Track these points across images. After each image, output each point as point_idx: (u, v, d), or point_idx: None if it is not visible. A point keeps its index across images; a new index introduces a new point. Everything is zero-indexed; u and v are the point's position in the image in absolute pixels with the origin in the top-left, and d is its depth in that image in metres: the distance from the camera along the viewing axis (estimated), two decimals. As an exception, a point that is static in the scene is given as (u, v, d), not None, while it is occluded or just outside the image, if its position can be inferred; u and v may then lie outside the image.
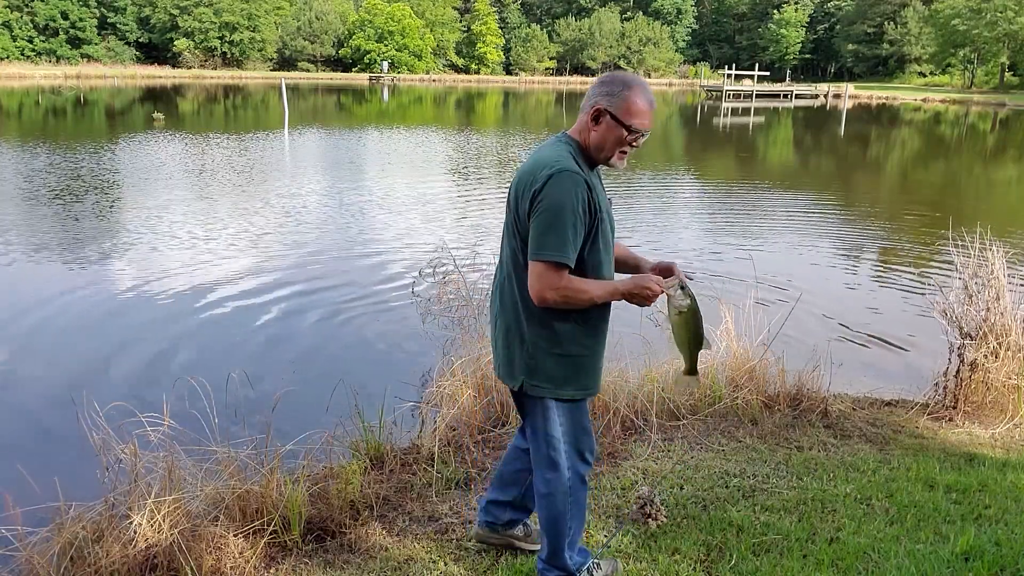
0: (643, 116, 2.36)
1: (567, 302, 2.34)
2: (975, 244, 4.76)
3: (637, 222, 11.64)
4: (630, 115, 2.35)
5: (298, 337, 6.36)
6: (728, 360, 4.69)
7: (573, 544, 2.69)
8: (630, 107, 2.34)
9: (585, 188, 2.31)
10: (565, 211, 2.27)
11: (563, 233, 2.27)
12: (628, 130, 2.35)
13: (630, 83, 2.37)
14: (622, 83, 2.37)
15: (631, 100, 2.34)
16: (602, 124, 2.37)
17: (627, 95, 2.35)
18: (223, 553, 2.88)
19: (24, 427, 4.74)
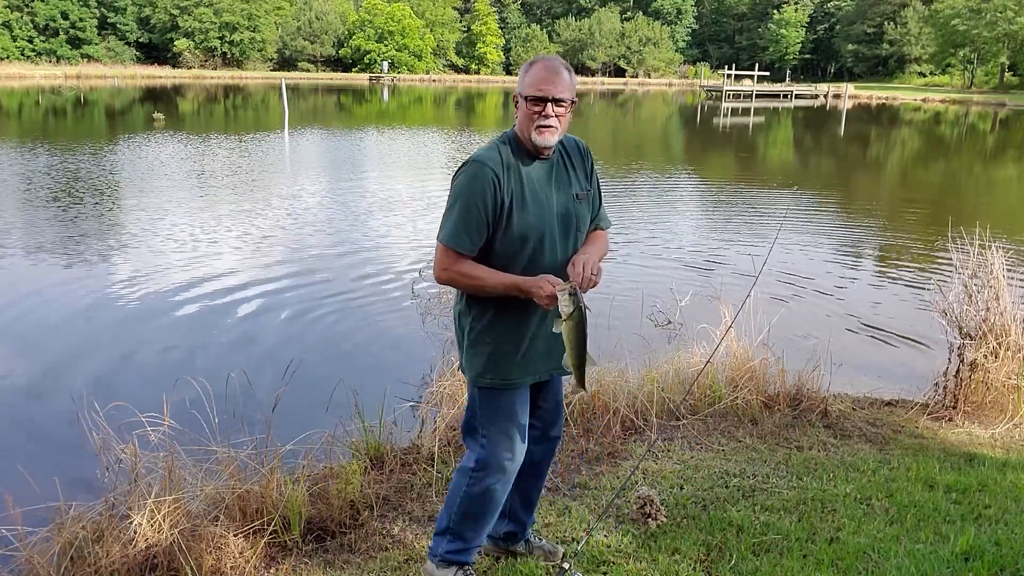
0: (541, 82, 2.35)
1: (456, 284, 2.45)
2: (975, 244, 4.76)
3: (637, 222, 11.64)
4: (526, 86, 2.38)
5: (298, 337, 6.36)
6: (728, 360, 4.69)
7: (456, 535, 2.66)
8: (528, 79, 2.38)
9: (492, 179, 2.35)
10: (461, 199, 2.37)
11: (456, 220, 2.38)
12: (527, 101, 2.36)
13: (534, 60, 2.41)
14: (527, 64, 2.43)
15: (529, 72, 2.39)
16: (518, 108, 2.43)
17: (527, 70, 2.41)
18: (223, 553, 2.88)
19: (24, 427, 4.74)
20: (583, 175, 2.56)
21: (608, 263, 9.21)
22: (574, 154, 2.56)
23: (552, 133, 2.38)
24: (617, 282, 7.39)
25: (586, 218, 2.56)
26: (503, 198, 2.37)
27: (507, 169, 2.39)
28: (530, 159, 2.44)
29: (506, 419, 2.55)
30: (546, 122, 2.36)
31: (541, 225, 2.43)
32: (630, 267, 8.71)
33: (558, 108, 2.36)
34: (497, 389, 2.54)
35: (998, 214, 13.57)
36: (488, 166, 2.36)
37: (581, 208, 2.53)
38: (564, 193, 2.49)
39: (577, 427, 4.16)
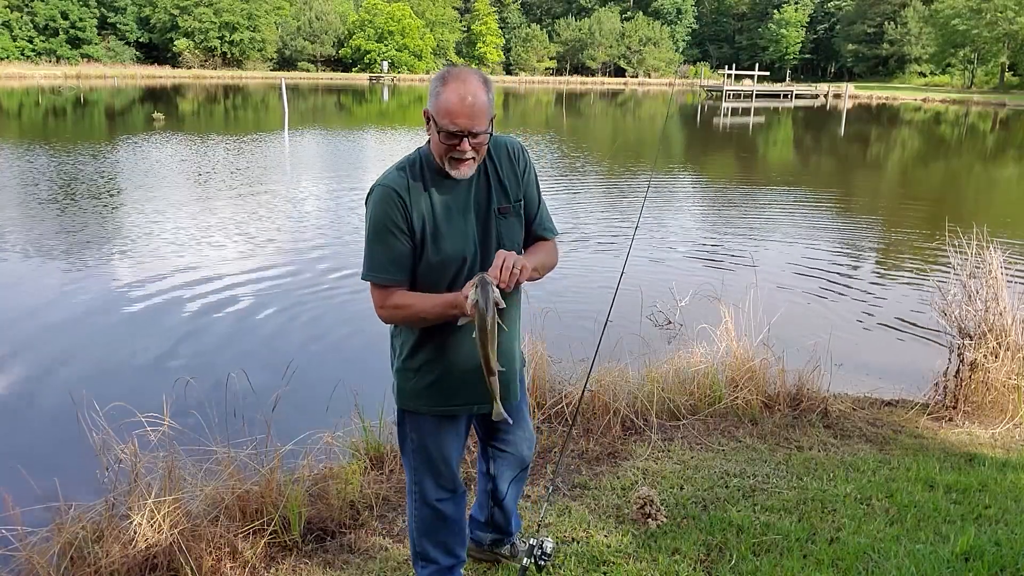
0: (455, 115, 2.05)
1: (398, 319, 2.27)
2: (974, 244, 4.76)
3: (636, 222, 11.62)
4: (438, 114, 2.08)
5: (298, 337, 6.36)
6: (728, 360, 4.69)
7: (423, 556, 2.57)
8: (438, 104, 2.08)
9: (397, 202, 2.16)
10: (372, 228, 2.20)
11: (372, 252, 2.21)
12: (439, 133, 2.09)
13: (446, 77, 2.09)
14: (440, 79, 2.10)
15: (440, 96, 2.07)
16: (430, 128, 2.15)
17: (437, 90, 2.09)
18: (223, 553, 2.88)
19: (24, 427, 4.74)
20: (512, 182, 2.30)
21: (607, 263, 9.27)
22: (502, 160, 2.30)
23: (469, 166, 2.15)
24: (616, 282, 7.38)
25: (515, 232, 2.32)
26: (413, 223, 2.18)
27: (413, 193, 2.19)
28: (444, 178, 2.20)
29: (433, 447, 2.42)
30: (462, 156, 2.12)
31: (459, 251, 2.23)
32: (629, 267, 8.70)
33: (475, 140, 2.10)
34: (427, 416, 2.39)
35: (998, 214, 13.57)
36: (392, 188, 2.18)
37: (506, 224, 2.29)
38: (484, 211, 2.26)
39: (577, 427, 4.16)
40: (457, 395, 2.36)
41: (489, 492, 2.75)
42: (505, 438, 2.63)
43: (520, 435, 2.65)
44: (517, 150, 2.34)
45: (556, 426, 4.18)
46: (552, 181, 15.53)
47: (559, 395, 4.26)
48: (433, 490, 2.48)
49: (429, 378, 2.34)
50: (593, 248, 9.80)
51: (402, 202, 2.17)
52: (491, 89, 2.15)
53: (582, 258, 9.15)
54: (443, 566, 2.60)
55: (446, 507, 2.51)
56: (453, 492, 2.51)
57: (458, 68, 2.14)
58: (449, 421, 2.42)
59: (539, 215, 2.40)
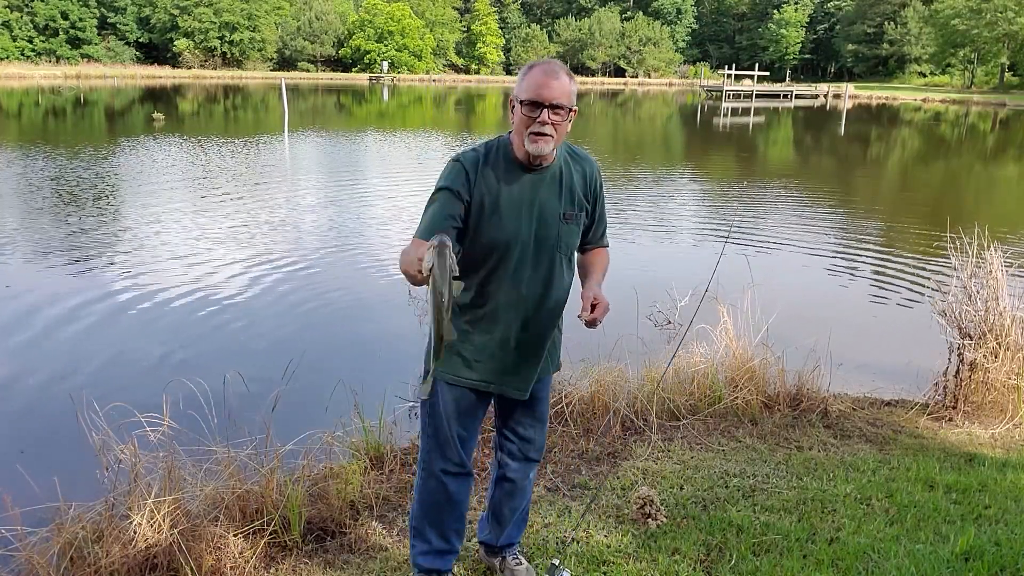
0: (538, 87, 2.22)
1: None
2: (974, 244, 4.76)
3: (637, 222, 11.64)
4: (523, 89, 2.26)
5: (297, 338, 6.36)
6: (728, 360, 4.69)
7: (419, 533, 2.63)
8: (525, 83, 2.26)
9: (462, 174, 2.30)
10: (432, 193, 2.34)
11: (424, 214, 2.32)
12: (522, 105, 2.25)
13: (533, 63, 2.30)
14: (528, 66, 2.31)
15: (527, 76, 2.27)
16: (514, 112, 2.31)
17: (525, 73, 2.29)
18: (223, 553, 2.88)
19: (24, 427, 4.74)
20: (580, 194, 2.44)
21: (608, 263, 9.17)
22: (577, 173, 2.44)
23: (546, 142, 2.26)
24: (616, 283, 7.38)
25: (574, 238, 2.46)
26: (473, 195, 2.30)
27: (484, 171, 2.31)
28: (519, 168, 2.34)
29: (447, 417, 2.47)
30: (540, 129, 2.24)
31: (511, 238, 2.33)
32: (629, 267, 8.70)
33: (555, 115, 2.23)
34: (449, 385, 2.45)
35: (998, 214, 13.57)
36: (463, 163, 2.32)
37: (567, 229, 2.42)
38: (550, 210, 2.37)
39: (577, 427, 4.17)
40: (475, 370, 2.44)
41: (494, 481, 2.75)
42: (518, 428, 2.63)
43: (537, 435, 2.66)
44: (593, 170, 2.50)
45: (556, 426, 4.18)
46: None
47: (559, 395, 4.26)
48: (439, 460, 2.53)
49: (456, 347, 2.42)
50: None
51: (467, 176, 2.31)
52: (574, 81, 2.33)
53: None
54: (434, 548, 2.64)
55: (449, 481, 2.55)
56: (459, 468, 2.54)
57: (545, 58, 2.36)
58: (465, 395, 2.47)
59: (602, 228, 2.62)
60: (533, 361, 2.48)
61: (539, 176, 2.36)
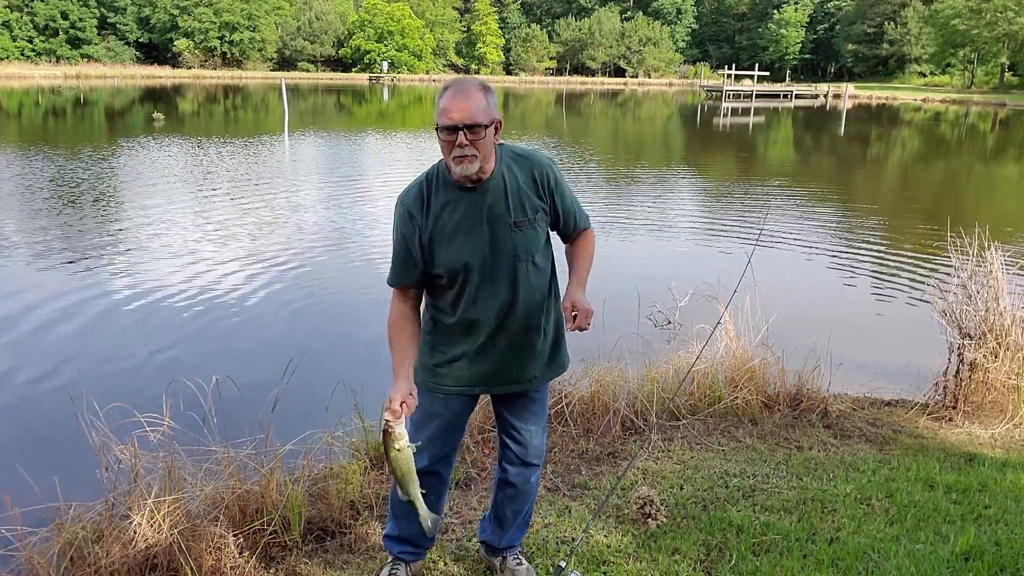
0: (449, 112, 2.21)
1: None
2: (974, 244, 4.76)
3: (637, 222, 11.64)
4: (437, 114, 2.26)
5: (298, 337, 6.36)
6: (728, 360, 4.69)
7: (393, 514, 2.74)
8: (438, 108, 2.26)
9: (405, 217, 2.38)
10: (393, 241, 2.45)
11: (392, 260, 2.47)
12: (439, 130, 2.25)
13: (446, 85, 2.28)
14: (441, 89, 2.28)
15: (439, 101, 2.26)
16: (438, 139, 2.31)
17: (438, 98, 2.27)
18: (223, 553, 2.88)
19: (24, 427, 4.74)
20: (533, 197, 2.41)
21: (607, 263, 9.23)
22: (523, 176, 2.40)
23: (471, 162, 2.25)
24: (616, 282, 7.38)
25: (530, 245, 2.41)
26: (420, 235, 2.37)
27: (427, 203, 2.36)
28: (459, 190, 2.34)
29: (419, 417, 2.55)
30: (462, 152, 2.24)
31: (468, 259, 2.37)
32: (629, 267, 8.70)
33: (472, 135, 2.21)
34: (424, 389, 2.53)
35: (998, 214, 13.57)
36: (405, 206, 2.39)
37: (522, 236, 2.39)
38: (500, 223, 2.36)
39: (577, 427, 4.16)
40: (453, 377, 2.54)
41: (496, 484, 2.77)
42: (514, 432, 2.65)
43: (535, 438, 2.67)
44: (542, 167, 2.44)
45: (556, 426, 4.18)
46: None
47: (559, 395, 4.26)
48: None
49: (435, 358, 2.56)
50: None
51: (411, 217, 2.38)
52: (490, 93, 2.30)
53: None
54: (403, 536, 2.73)
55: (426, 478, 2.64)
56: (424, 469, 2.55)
57: (458, 76, 2.32)
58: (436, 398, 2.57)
59: (574, 218, 2.56)
60: (516, 363, 2.51)
61: (480, 192, 2.35)
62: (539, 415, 2.69)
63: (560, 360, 2.66)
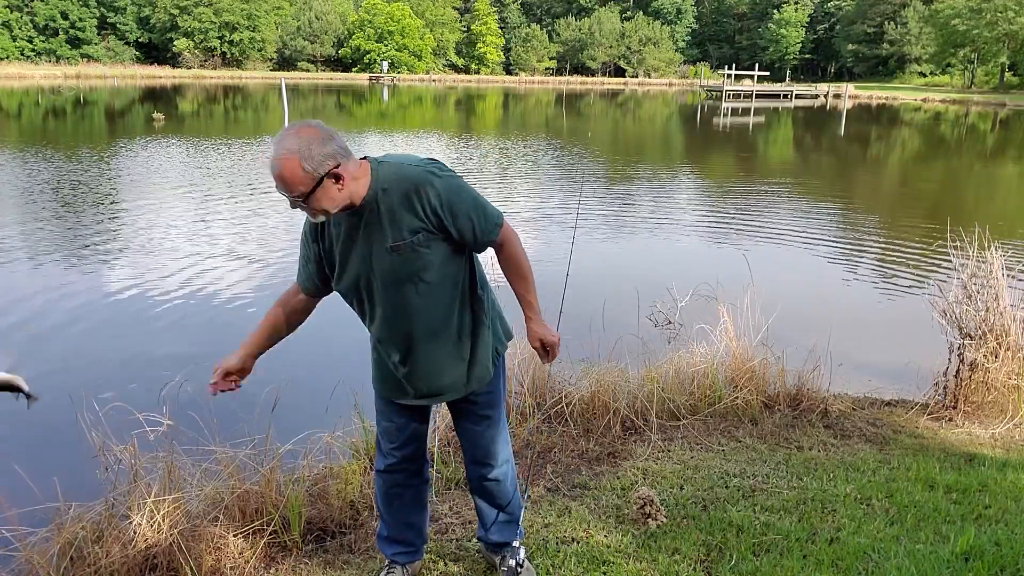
0: (275, 182, 2.19)
1: None
2: (974, 244, 4.76)
3: (638, 222, 11.64)
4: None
5: (297, 338, 6.34)
6: (728, 360, 4.69)
7: (382, 518, 2.80)
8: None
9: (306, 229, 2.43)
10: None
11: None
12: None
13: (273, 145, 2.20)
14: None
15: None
16: None
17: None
18: (223, 553, 2.88)
19: (24, 427, 4.73)
20: (413, 219, 2.26)
21: (607, 263, 9.22)
22: (397, 198, 2.26)
23: (315, 215, 2.23)
24: (616, 282, 7.39)
25: (415, 266, 2.30)
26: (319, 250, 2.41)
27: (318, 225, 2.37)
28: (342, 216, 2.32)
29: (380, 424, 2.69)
30: (314, 216, 2.26)
31: (355, 282, 2.38)
32: (629, 267, 8.71)
33: (301, 200, 2.17)
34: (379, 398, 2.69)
35: (998, 214, 13.57)
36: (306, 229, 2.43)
37: (400, 259, 2.29)
38: (377, 248, 2.30)
39: (577, 427, 4.16)
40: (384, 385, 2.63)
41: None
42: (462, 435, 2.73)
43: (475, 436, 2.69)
44: (420, 185, 2.25)
45: (556, 426, 4.17)
46: (548, 179, 15.55)
47: (559, 395, 4.26)
48: (378, 454, 2.75)
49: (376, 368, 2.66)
50: (590, 247, 9.80)
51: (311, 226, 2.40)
52: (313, 146, 2.14)
53: (579, 258, 9.14)
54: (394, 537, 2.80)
55: (378, 479, 2.76)
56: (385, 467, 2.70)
57: (280, 135, 2.20)
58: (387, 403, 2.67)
59: (480, 230, 2.34)
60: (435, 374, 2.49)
61: (355, 220, 2.31)
62: (485, 417, 2.66)
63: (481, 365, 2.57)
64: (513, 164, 18.26)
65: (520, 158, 19.53)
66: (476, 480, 2.77)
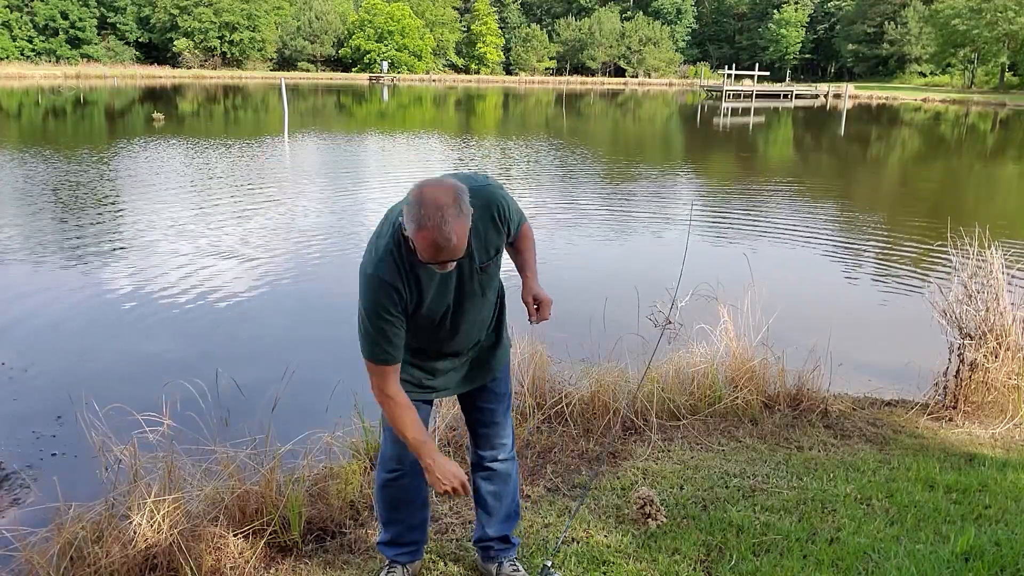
0: (433, 258, 2.11)
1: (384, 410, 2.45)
2: (974, 244, 4.76)
3: (638, 222, 11.64)
4: (419, 249, 2.12)
5: (297, 337, 6.36)
6: (728, 360, 4.69)
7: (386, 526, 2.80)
8: (418, 245, 2.10)
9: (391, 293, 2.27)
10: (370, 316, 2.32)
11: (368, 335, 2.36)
12: (419, 255, 2.15)
13: (422, 221, 2.05)
14: (415, 219, 2.06)
15: (419, 240, 2.08)
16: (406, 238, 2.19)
17: (416, 233, 2.08)
18: (223, 553, 2.88)
19: (24, 427, 4.73)
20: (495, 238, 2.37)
21: (608, 264, 9.22)
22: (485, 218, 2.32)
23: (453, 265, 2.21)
24: (616, 282, 7.38)
25: (494, 278, 2.48)
26: (407, 305, 2.31)
27: (406, 276, 2.26)
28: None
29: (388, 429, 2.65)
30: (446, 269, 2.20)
31: (439, 311, 2.39)
32: (629, 267, 8.71)
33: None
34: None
35: (998, 214, 13.57)
36: (386, 280, 2.24)
37: (487, 276, 2.42)
38: (467, 272, 2.36)
39: (577, 427, 4.16)
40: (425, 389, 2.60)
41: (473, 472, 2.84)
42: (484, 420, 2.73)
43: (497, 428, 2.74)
44: (496, 200, 2.35)
45: (556, 426, 4.17)
46: (548, 179, 15.55)
47: (559, 395, 4.26)
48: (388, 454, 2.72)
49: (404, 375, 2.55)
50: (590, 246, 9.80)
51: (396, 292, 2.26)
52: (466, 209, 2.10)
53: (579, 258, 9.14)
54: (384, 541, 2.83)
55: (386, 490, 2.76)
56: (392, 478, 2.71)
57: (432, 205, 2.04)
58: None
59: (516, 223, 2.50)
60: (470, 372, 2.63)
61: None
62: (503, 395, 2.76)
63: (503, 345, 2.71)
64: (515, 164, 18.26)
65: (522, 159, 19.54)
66: (488, 464, 2.77)
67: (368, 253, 2.31)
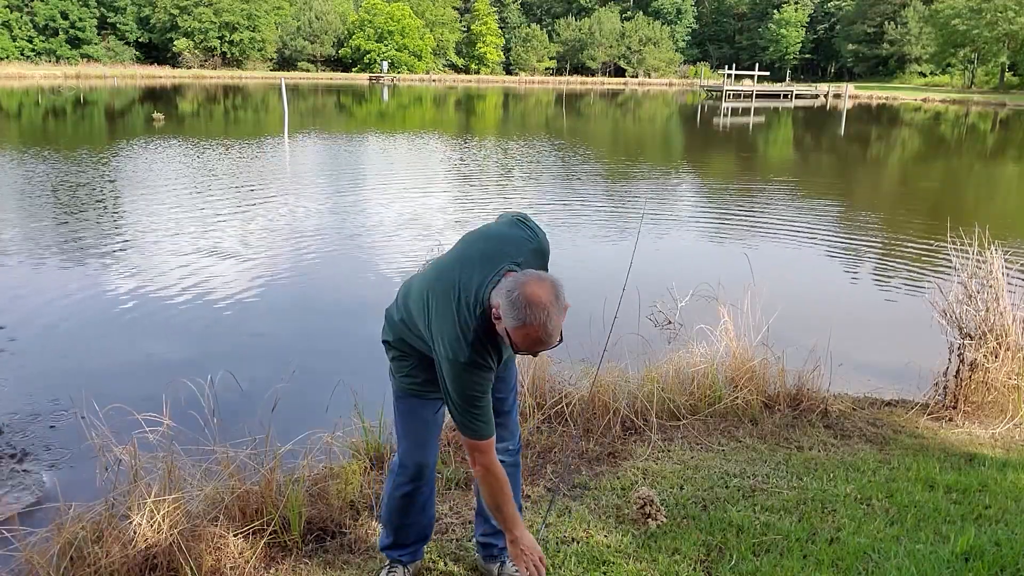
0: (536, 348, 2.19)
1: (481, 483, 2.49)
2: (974, 244, 4.76)
3: (637, 222, 11.63)
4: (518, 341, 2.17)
5: (297, 337, 6.36)
6: (728, 360, 4.69)
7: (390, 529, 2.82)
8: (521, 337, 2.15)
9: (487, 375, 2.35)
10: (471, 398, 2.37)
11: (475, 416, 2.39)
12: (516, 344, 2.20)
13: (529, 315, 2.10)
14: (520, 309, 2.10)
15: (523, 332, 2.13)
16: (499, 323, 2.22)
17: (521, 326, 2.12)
18: (223, 553, 2.88)
19: (23, 427, 4.73)
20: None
21: (607, 263, 9.23)
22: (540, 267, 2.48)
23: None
24: (616, 282, 7.38)
25: None
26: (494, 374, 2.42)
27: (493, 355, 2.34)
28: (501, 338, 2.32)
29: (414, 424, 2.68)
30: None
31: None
32: (629, 266, 8.69)
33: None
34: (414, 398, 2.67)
35: (998, 214, 13.57)
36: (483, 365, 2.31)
37: None
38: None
39: (577, 427, 4.16)
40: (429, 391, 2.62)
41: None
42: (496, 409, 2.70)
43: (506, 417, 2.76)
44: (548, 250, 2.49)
45: (556, 426, 4.17)
46: (548, 179, 15.55)
47: (559, 395, 4.26)
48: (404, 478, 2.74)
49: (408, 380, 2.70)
50: (590, 246, 9.80)
51: (490, 370, 2.35)
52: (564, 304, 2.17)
53: (579, 258, 9.14)
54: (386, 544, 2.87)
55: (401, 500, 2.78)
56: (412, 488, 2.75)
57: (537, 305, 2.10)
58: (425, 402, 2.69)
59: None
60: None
61: None
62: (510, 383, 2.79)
63: None
64: (516, 164, 18.25)
65: (522, 159, 19.53)
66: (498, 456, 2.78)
67: (454, 342, 2.28)
